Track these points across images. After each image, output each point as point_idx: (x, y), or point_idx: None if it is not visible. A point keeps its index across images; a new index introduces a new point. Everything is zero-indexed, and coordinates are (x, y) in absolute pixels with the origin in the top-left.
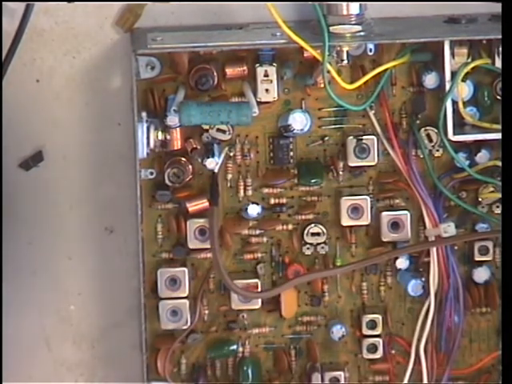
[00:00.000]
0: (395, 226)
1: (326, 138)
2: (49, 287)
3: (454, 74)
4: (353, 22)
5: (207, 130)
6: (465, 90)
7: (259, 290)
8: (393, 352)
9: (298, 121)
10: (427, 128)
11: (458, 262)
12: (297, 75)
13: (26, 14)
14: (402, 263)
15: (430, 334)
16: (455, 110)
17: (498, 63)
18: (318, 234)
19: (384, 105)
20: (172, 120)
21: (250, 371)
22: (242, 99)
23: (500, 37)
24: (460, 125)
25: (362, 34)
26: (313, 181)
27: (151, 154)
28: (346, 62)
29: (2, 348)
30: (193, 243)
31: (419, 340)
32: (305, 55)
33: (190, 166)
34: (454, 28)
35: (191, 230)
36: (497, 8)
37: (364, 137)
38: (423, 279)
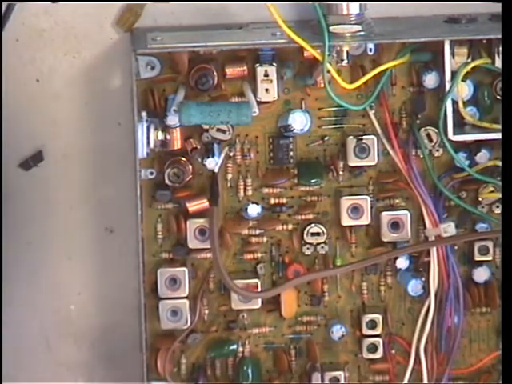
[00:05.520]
0: (395, 225)
1: (326, 138)
2: (49, 287)
3: (454, 74)
4: (353, 22)
5: (207, 130)
6: (465, 90)
7: (259, 289)
8: (393, 352)
9: (298, 121)
10: (427, 128)
11: (458, 261)
12: (297, 75)
13: (7, 14)
14: (402, 263)
15: (429, 334)
16: (455, 110)
17: (498, 63)
18: (317, 234)
19: (384, 105)
20: (172, 120)
21: (250, 371)
22: (242, 99)
23: (500, 36)
24: (460, 125)
25: (361, 33)
26: (313, 181)
27: (151, 154)
28: (345, 61)
29: (2, 348)
30: (193, 243)
31: (419, 340)
32: (305, 55)
33: (190, 166)
34: (454, 28)
35: (191, 229)
36: (497, 8)
37: (364, 137)
38: (423, 279)
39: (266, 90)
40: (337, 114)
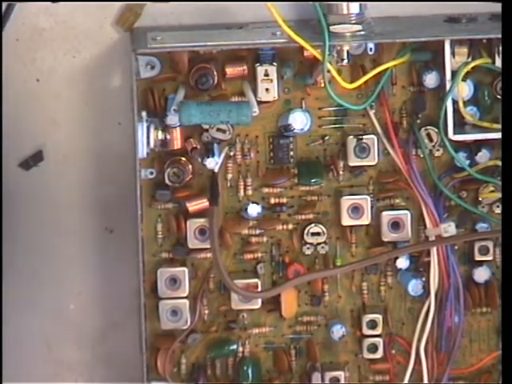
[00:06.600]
0: (395, 225)
1: (326, 138)
2: (49, 287)
3: (454, 74)
4: (353, 22)
5: (207, 130)
6: (465, 90)
7: (259, 289)
8: (393, 352)
9: (298, 120)
10: (427, 127)
11: (458, 261)
12: (297, 75)
13: (7, 14)
14: (402, 263)
15: (430, 334)
16: (455, 110)
17: (498, 63)
18: (318, 234)
19: (384, 104)
20: (172, 119)
21: (250, 371)
22: (242, 99)
23: (500, 36)
24: (460, 124)
25: (362, 33)
26: (313, 180)
27: (151, 154)
28: (346, 61)
29: (2, 348)
30: (193, 243)
31: (419, 340)
32: (305, 54)
33: (190, 166)
34: (455, 27)
35: (191, 229)
36: (497, 8)
37: (364, 136)
38: (423, 279)
39: (266, 89)
40: (337, 114)
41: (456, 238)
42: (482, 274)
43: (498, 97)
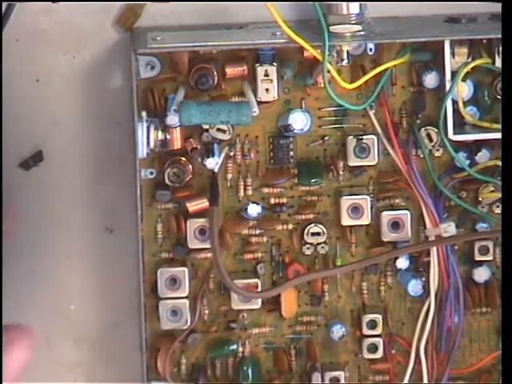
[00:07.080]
0: (395, 225)
1: (326, 138)
2: (49, 287)
3: (454, 74)
4: (353, 22)
5: (207, 130)
6: (465, 90)
7: (259, 289)
8: (393, 352)
9: (298, 120)
10: (427, 128)
11: (458, 261)
12: (297, 75)
13: (7, 14)
14: (402, 263)
15: (430, 334)
16: (455, 110)
17: (498, 63)
18: (318, 234)
19: (384, 104)
20: (172, 120)
21: (250, 371)
22: (242, 99)
23: (500, 36)
24: (460, 124)
25: (362, 33)
26: (313, 180)
27: (151, 154)
28: (346, 61)
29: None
30: (193, 243)
31: (419, 340)
32: (305, 55)
33: (190, 166)
34: (454, 27)
35: (191, 229)
36: (497, 8)
37: (364, 136)
38: (423, 279)
39: (266, 89)
40: (337, 114)
41: (456, 237)
42: (481, 274)
43: (498, 97)
